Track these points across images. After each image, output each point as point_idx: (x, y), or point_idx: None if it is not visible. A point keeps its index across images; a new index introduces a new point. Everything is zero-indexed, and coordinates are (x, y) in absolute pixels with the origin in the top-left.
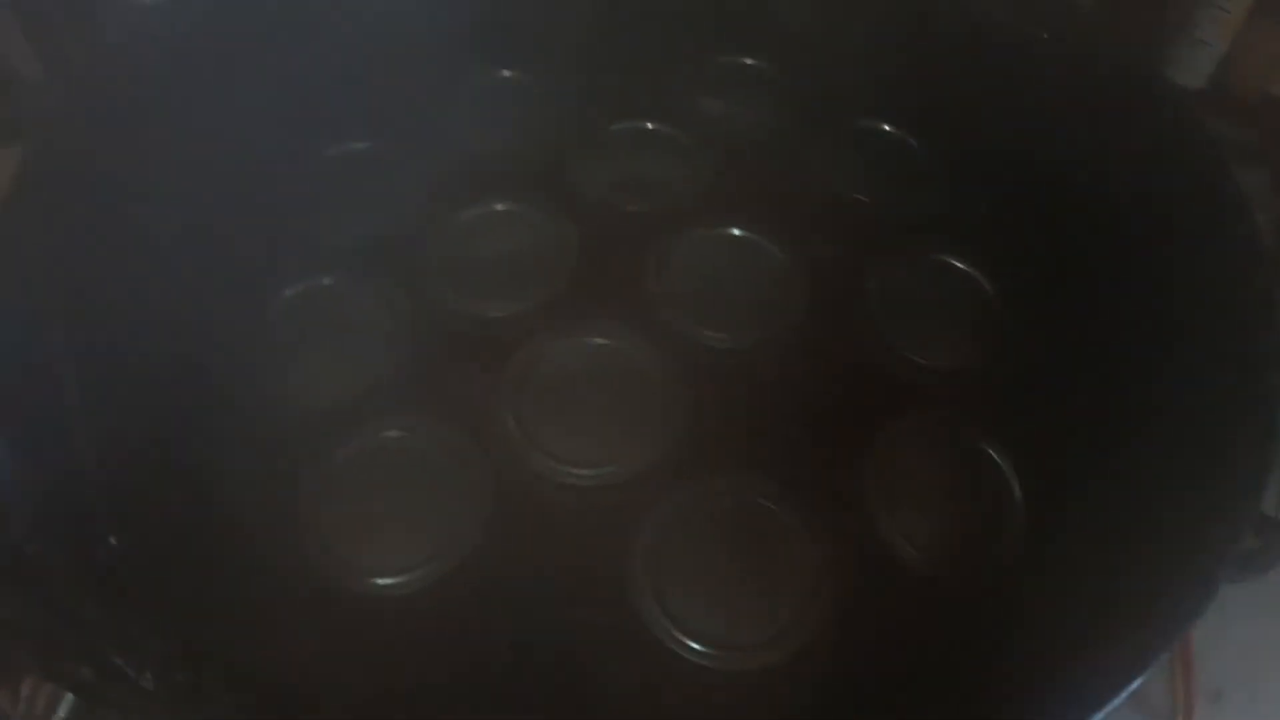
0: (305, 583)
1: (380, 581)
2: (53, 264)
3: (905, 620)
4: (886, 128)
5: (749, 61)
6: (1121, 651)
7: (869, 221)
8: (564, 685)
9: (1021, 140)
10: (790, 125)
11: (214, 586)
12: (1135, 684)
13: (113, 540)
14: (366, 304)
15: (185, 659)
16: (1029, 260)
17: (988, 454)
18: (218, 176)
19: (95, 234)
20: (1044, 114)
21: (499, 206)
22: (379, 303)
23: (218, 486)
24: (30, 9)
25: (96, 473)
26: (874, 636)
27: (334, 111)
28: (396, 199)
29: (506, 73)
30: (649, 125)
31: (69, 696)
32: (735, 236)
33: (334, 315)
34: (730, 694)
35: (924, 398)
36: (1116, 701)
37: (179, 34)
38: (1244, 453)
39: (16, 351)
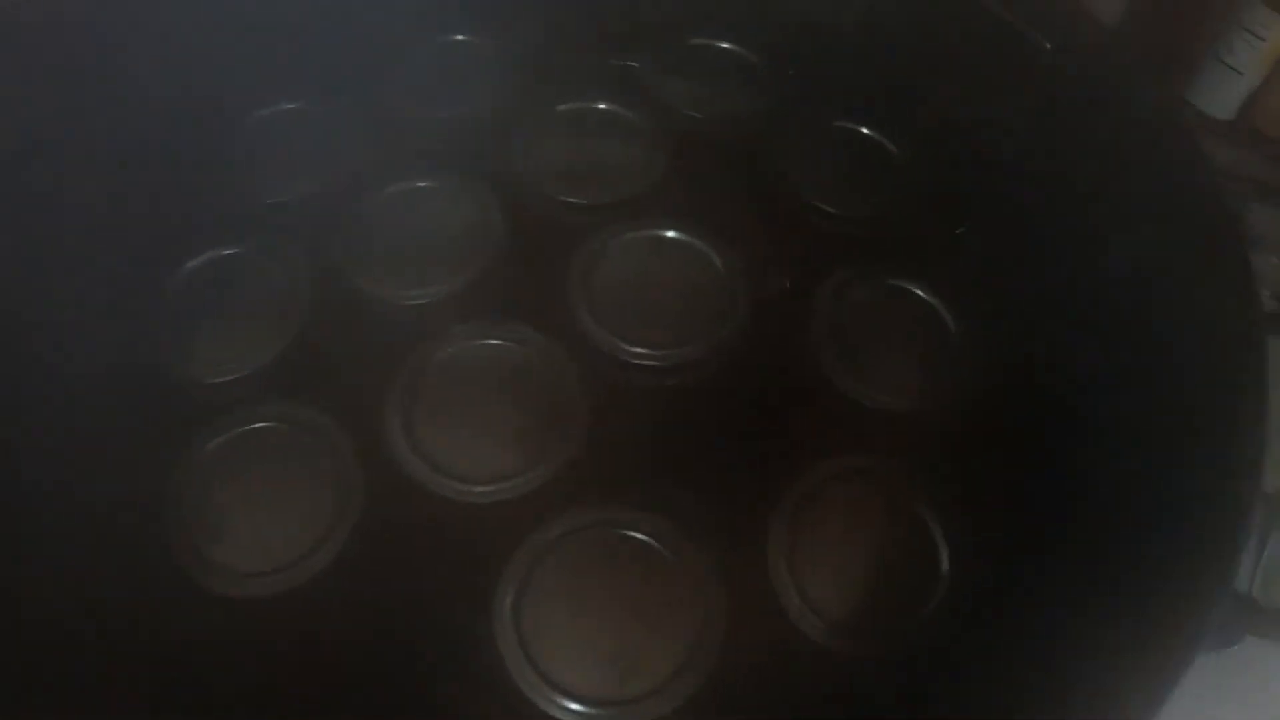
0: (159, 582)
1: (236, 583)
2: None
3: (801, 691)
4: (865, 131)
5: (724, 45)
6: None
7: (830, 235)
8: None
9: (1012, 162)
10: (759, 120)
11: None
12: None
13: None
14: (267, 280)
15: None
16: (1000, 298)
17: (917, 515)
18: (135, 136)
19: None
20: (1040, 135)
21: (422, 183)
22: (280, 280)
23: (72, 473)
24: None
25: None
26: (762, 703)
27: (270, 67)
28: (318, 166)
29: (460, 36)
30: (601, 106)
31: None
32: (676, 240)
33: (232, 291)
34: None
35: (858, 441)
36: None
37: None
38: (1220, 533)
39: None
